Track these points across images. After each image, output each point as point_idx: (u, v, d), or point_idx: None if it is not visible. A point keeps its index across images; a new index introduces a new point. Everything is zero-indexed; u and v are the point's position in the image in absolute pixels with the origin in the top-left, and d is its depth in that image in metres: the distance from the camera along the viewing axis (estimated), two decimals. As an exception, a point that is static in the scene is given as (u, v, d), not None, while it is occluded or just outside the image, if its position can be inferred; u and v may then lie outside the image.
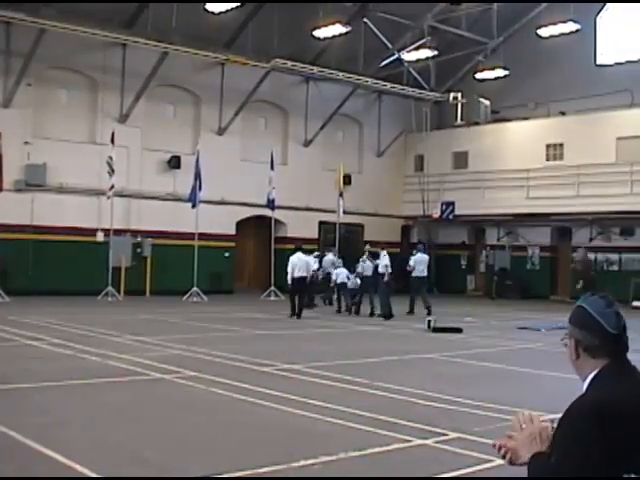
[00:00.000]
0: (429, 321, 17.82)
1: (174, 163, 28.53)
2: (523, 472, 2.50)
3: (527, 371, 12.01)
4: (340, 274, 23.20)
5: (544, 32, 29.31)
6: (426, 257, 23.17)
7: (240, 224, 30.60)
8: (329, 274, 24.52)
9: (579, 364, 2.49)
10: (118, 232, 26.24)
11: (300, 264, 20.77)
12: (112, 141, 25.04)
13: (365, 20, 29.72)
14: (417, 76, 32.47)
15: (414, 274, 22.43)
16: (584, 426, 2.24)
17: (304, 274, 20.72)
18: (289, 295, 21.37)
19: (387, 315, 20.58)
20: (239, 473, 5.99)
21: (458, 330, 17.44)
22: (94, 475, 5.88)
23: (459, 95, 32.80)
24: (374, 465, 6.50)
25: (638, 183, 28.09)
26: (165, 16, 25.45)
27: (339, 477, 6.16)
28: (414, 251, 23.51)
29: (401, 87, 32.14)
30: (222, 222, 29.24)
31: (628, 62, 30.54)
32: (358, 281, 22.72)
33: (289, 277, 20.83)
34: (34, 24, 23.72)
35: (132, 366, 11.22)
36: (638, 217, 28.39)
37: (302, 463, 6.27)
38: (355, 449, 6.73)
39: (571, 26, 28.22)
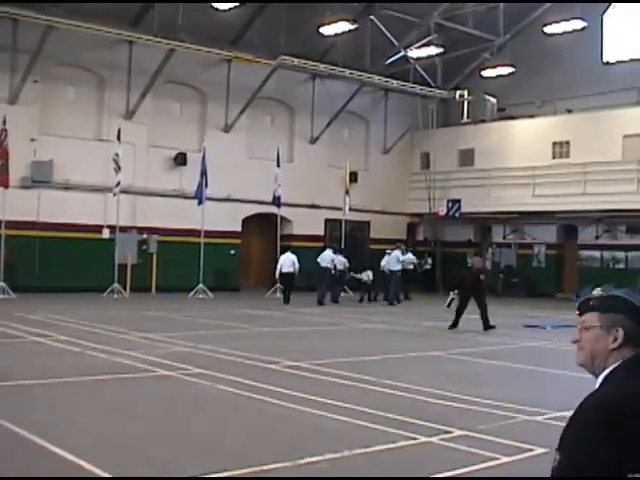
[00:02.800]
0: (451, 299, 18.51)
1: (180, 160, 28.53)
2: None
3: (535, 369, 11.99)
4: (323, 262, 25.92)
5: (551, 30, 29.19)
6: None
7: (246, 221, 30.60)
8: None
9: (610, 355, 2.34)
10: (124, 229, 26.26)
11: (287, 262, 24.49)
12: (118, 138, 25.04)
13: (372, 17, 29.67)
14: (423, 73, 32.40)
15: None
16: (597, 422, 2.16)
17: (290, 270, 24.37)
18: (281, 287, 25.44)
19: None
20: (242, 471, 6.00)
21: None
22: (103, 474, 5.89)
23: (465, 92, 32.74)
24: (376, 463, 6.49)
25: (645, 181, 28.03)
26: (171, 13, 25.45)
27: (340, 477, 6.15)
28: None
29: (407, 84, 32.08)
30: (228, 219, 29.23)
31: (635, 60, 30.43)
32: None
33: (277, 273, 24.89)
34: (41, 21, 23.74)
35: (139, 363, 11.25)
36: (645, 215, 28.31)
37: (307, 460, 6.28)
38: (360, 447, 6.73)
39: (578, 24, 28.09)
